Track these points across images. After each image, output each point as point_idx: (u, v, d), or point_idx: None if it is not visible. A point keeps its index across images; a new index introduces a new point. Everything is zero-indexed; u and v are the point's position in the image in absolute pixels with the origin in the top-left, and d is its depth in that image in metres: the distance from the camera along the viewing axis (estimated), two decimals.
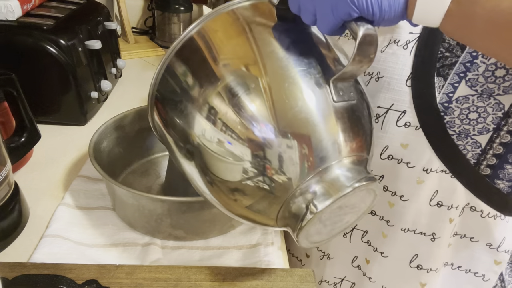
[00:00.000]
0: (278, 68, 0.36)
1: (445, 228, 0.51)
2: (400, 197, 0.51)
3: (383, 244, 0.54)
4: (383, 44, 0.47)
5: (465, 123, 0.45)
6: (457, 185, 0.48)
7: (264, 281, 0.47)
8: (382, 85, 0.48)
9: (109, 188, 0.57)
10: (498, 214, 0.50)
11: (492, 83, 0.43)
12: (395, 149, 0.49)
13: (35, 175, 0.65)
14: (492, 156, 0.46)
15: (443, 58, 0.44)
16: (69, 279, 0.44)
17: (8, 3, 0.69)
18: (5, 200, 0.51)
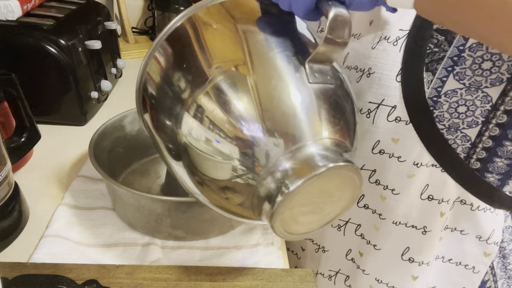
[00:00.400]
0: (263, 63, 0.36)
1: (436, 221, 0.51)
2: (391, 190, 0.52)
3: (375, 237, 0.55)
4: (374, 40, 0.48)
5: (454, 117, 0.46)
6: (447, 179, 0.49)
7: (264, 281, 0.47)
8: (373, 81, 0.49)
9: (109, 188, 0.57)
10: (488, 207, 0.51)
11: (480, 76, 0.43)
12: (386, 143, 0.50)
13: (35, 175, 0.65)
14: (482, 149, 0.47)
15: (431, 53, 0.45)
16: (69, 279, 0.44)
17: (8, 3, 0.69)
18: (5, 200, 0.51)
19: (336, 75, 0.37)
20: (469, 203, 0.50)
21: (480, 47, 0.43)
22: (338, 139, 0.35)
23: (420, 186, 0.50)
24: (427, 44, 0.45)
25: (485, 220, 0.51)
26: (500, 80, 0.43)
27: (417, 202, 0.51)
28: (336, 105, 0.36)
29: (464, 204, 0.51)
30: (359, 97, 0.50)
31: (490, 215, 0.51)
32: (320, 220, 0.37)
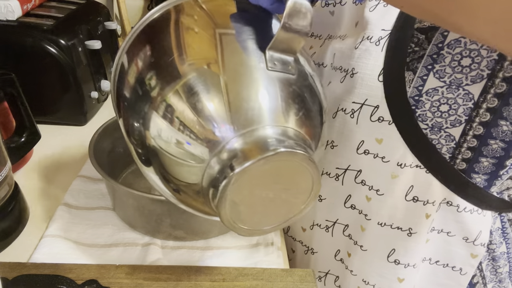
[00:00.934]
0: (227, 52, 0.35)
1: (421, 223, 0.51)
2: (376, 191, 0.52)
3: (362, 238, 0.55)
4: (357, 41, 0.48)
5: (437, 116, 0.46)
6: (432, 180, 0.48)
7: (264, 281, 0.47)
8: (357, 81, 0.49)
9: (109, 188, 0.57)
10: (475, 208, 0.50)
11: (460, 73, 0.43)
12: (370, 143, 0.50)
13: (35, 175, 0.65)
14: (467, 149, 0.46)
15: (412, 52, 0.45)
16: (69, 279, 0.44)
17: (8, 3, 0.69)
18: (5, 200, 0.51)
19: (301, 69, 0.36)
20: (456, 205, 0.50)
21: (459, 44, 0.42)
22: (294, 128, 0.33)
23: (404, 187, 0.50)
24: (408, 44, 0.45)
25: (472, 221, 0.50)
26: (481, 77, 0.43)
27: (402, 204, 0.51)
28: (296, 96, 0.35)
29: (450, 205, 0.50)
30: (344, 97, 0.50)
31: (477, 216, 0.50)
32: (279, 216, 0.34)
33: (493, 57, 0.41)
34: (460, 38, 0.42)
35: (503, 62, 0.41)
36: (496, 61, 0.41)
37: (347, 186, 0.53)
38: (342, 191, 0.54)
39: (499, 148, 0.45)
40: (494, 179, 0.48)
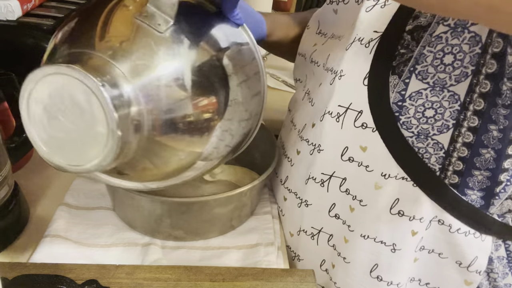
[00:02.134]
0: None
1: (406, 239, 0.47)
2: (359, 201, 0.49)
3: (345, 249, 0.52)
4: (348, 42, 0.47)
5: (423, 122, 0.43)
6: (420, 195, 0.45)
7: (264, 281, 0.47)
8: (343, 84, 0.47)
9: (109, 188, 0.57)
10: (471, 231, 0.46)
11: (443, 72, 0.40)
12: (355, 151, 0.47)
13: (35, 175, 0.65)
14: (458, 159, 0.43)
15: (399, 55, 0.42)
16: (69, 279, 0.44)
17: (8, 3, 0.69)
18: (5, 200, 0.51)
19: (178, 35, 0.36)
20: (447, 224, 0.46)
21: (440, 40, 0.40)
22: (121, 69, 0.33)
23: (389, 199, 0.46)
24: (396, 46, 0.43)
25: (466, 244, 0.46)
26: (465, 75, 0.40)
27: (386, 217, 0.47)
28: (146, 46, 0.34)
29: (442, 224, 0.46)
30: (331, 100, 0.48)
31: (473, 240, 0.46)
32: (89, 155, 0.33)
33: (476, 51, 0.39)
34: (441, 34, 0.40)
35: (486, 55, 0.38)
36: (480, 55, 0.39)
37: (332, 193, 0.51)
38: (327, 199, 0.52)
39: (491, 158, 0.42)
40: (491, 197, 0.44)
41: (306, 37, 0.59)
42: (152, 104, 0.34)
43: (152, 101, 0.34)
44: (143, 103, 0.33)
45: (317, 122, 0.51)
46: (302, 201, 0.55)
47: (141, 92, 0.33)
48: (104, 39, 0.35)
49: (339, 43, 0.49)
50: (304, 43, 0.59)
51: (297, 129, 0.57)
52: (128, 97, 0.32)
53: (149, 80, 0.34)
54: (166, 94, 0.34)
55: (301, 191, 0.55)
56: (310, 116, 0.53)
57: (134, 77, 0.33)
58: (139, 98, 0.33)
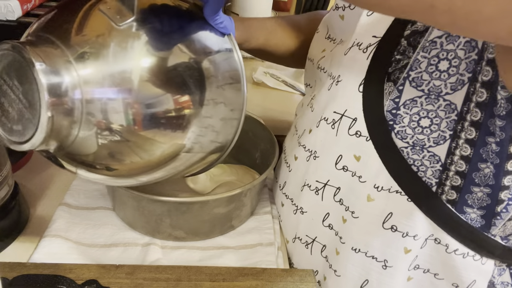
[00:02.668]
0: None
1: (398, 257, 0.45)
2: (351, 213, 0.47)
3: (336, 262, 0.50)
4: (347, 46, 0.45)
5: (418, 132, 0.40)
6: (414, 210, 0.42)
7: (264, 281, 0.47)
8: (340, 90, 0.46)
9: (109, 188, 0.57)
10: (470, 252, 0.42)
11: (438, 79, 0.38)
12: (349, 160, 0.46)
13: (35, 175, 0.65)
14: (455, 174, 0.40)
15: (395, 61, 0.40)
16: (69, 279, 0.44)
17: (8, 3, 0.69)
18: (5, 200, 0.51)
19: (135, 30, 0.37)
20: (444, 244, 0.43)
21: (434, 46, 0.38)
22: (70, 58, 0.34)
23: (382, 213, 0.44)
24: (392, 52, 0.41)
25: (464, 267, 0.43)
26: (462, 83, 0.37)
27: (378, 231, 0.45)
28: (98, 38, 0.36)
29: (438, 243, 0.43)
30: (328, 106, 0.47)
31: (473, 262, 0.43)
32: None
33: (472, 57, 0.37)
34: (435, 39, 0.38)
35: (482, 62, 0.36)
36: (476, 61, 0.36)
37: (326, 202, 0.50)
38: (321, 207, 0.51)
39: (491, 173, 0.39)
40: (492, 217, 0.41)
41: (316, 42, 0.58)
42: (93, 92, 0.34)
43: (94, 90, 0.34)
44: (84, 90, 0.34)
45: (313, 128, 0.50)
46: (297, 208, 0.54)
47: (83, 79, 0.34)
48: (67, 27, 0.36)
49: (340, 48, 0.48)
50: (313, 48, 0.58)
51: (297, 134, 0.56)
52: (69, 82, 0.33)
53: (95, 69, 0.34)
54: (109, 84, 0.35)
55: (297, 197, 0.55)
56: (309, 122, 0.52)
57: (80, 64, 0.34)
58: (81, 85, 0.34)
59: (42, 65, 0.32)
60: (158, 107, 0.36)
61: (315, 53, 0.56)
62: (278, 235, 0.58)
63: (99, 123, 0.35)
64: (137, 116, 0.36)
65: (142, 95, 0.36)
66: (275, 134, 0.64)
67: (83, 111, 0.34)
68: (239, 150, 0.70)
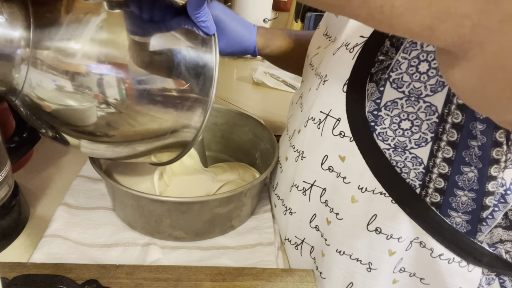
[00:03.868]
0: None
1: (383, 259, 0.44)
2: (336, 214, 0.47)
3: (322, 264, 0.50)
4: (335, 46, 0.45)
5: (399, 134, 0.40)
6: (399, 212, 0.42)
7: (264, 281, 0.47)
8: (326, 89, 0.46)
9: (109, 188, 0.57)
10: (456, 258, 0.42)
11: (418, 81, 0.38)
12: (334, 160, 0.45)
13: (35, 175, 0.65)
14: (438, 176, 0.39)
15: (378, 62, 0.40)
16: (69, 279, 0.44)
17: None
18: (5, 200, 0.51)
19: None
20: (429, 248, 0.42)
21: (414, 46, 0.37)
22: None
23: (366, 215, 0.44)
24: (376, 52, 0.40)
25: (449, 273, 0.42)
26: (442, 85, 0.37)
27: (363, 233, 0.45)
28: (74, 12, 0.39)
29: (423, 247, 0.43)
30: (315, 105, 0.47)
31: (458, 269, 0.42)
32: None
33: None
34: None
35: None
36: None
37: (313, 203, 0.50)
38: (309, 208, 0.51)
39: (475, 178, 0.38)
40: (478, 222, 0.40)
41: (314, 38, 0.58)
42: (41, 53, 0.38)
43: (41, 49, 0.38)
44: (33, 47, 0.37)
45: (302, 128, 0.50)
46: (287, 209, 0.54)
47: (35, 39, 0.37)
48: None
49: (328, 48, 0.48)
50: (311, 45, 0.58)
51: (288, 134, 0.56)
52: (19, 38, 0.37)
53: (47, 33, 0.38)
54: (56, 49, 0.38)
55: (286, 198, 0.55)
56: (298, 122, 0.52)
57: (38, 26, 0.37)
58: (31, 42, 0.37)
59: (2, 18, 0.36)
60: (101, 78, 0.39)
61: (311, 50, 0.57)
62: (278, 235, 0.58)
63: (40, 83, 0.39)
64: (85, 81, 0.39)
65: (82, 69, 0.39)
66: (275, 134, 0.64)
67: (28, 68, 0.38)
68: (239, 150, 0.71)
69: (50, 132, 0.44)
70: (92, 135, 0.43)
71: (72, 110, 0.40)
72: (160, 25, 0.41)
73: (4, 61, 0.37)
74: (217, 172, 0.64)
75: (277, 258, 0.54)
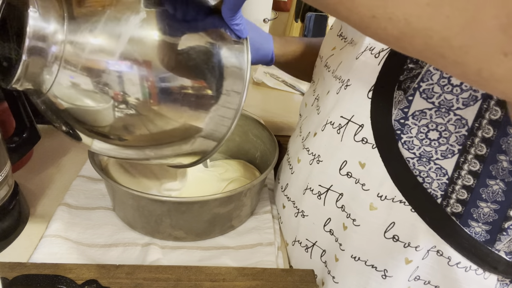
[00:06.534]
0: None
1: (399, 267, 0.44)
2: (353, 220, 0.46)
3: (335, 268, 0.50)
4: (359, 50, 0.44)
5: (425, 144, 0.40)
6: (418, 221, 0.42)
7: (264, 281, 0.47)
8: (348, 94, 0.45)
9: (109, 188, 0.57)
10: (473, 266, 0.42)
11: (449, 93, 0.38)
12: (353, 166, 0.45)
13: (35, 175, 0.65)
14: (462, 188, 0.39)
15: (407, 70, 0.39)
16: (69, 279, 0.44)
17: None
18: (5, 200, 0.51)
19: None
20: (447, 256, 0.42)
21: None
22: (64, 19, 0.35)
23: (384, 222, 0.44)
24: (405, 60, 0.39)
25: (465, 281, 0.42)
26: (474, 99, 0.37)
27: (379, 240, 0.45)
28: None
29: (440, 255, 0.43)
30: (335, 110, 0.47)
31: (475, 276, 0.42)
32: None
33: None
34: None
35: None
36: None
37: (328, 208, 0.49)
38: (323, 212, 0.50)
39: (500, 190, 0.38)
40: (498, 232, 0.40)
41: (327, 39, 0.57)
42: (75, 50, 0.36)
43: (77, 47, 0.36)
44: (67, 44, 0.35)
45: (318, 131, 0.49)
46: (299, 211, 0.54)
47: (70, 34, 0.35)
48: None
49: (352, 50, 0.47)
50: (325, 45, 0.57)
51: (301, 136, 0.55)
52: (53, 33, 0.35)
53: (84, 28, 0.36)
54: (92, 48, 0.36)
55: (298, 200, 0.54)
56: (314, 125, 0.51)
57: (72, 20, 0.35)
58: (65, 39, 0.35)
59: (36, 12, 0.33)
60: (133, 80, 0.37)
61: (326, 51, 0.56)
62: (278, 235, 0.58)
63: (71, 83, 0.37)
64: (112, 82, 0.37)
65: (121, 68, 0.37)
66: (275, 134, 0.64)
67: (60, 66, 0.36)
68: (239, 150, 0.71)
69: (64, 127, 0.43)
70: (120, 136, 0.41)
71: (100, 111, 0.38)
72: (193, 24, 0.40)
73: (37, 57, 0.35)
74: (219, 170, 0.64)
75: (277, 258, 0.54)
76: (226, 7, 0.39)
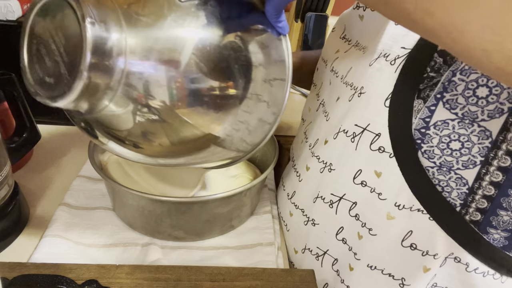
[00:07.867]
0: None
1: (417, 276, 0.44)
2: (369, 230, 0.46)
3: (349, 278, 0.49)
4: (372, 57, 0.43)
5: (447, 154, 0.39)
6: (436, 229, 0.41)
7: (264, 281, 0.47)
8: (362, 102, 0.44)
9: (109, 188, 0.57)
10: (491, 271, 0.42)
11: (474, 105, 0.37)
12: (368, 175, 0.44)
13: (35, 175, 0.65)
14: (482, 197, 0.39)
15: (427, 78, 0.39)
16: (69, 279, 0.44)
17: (8, 3, 0.69)
18: (5, 200, 0.51)
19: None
20: (465, 263, 0.42)
21: (474, 70, 0.36)
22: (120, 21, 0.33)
23: (401, 231, 0.43)
24: (425, 68, 0.39)
25: (483, 286, 0.43)
26: (500, 111, 0.36)
27: (397, 249, 0.44)
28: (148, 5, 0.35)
29: (458, 262, 0.42)
30: (348, 118, 0.46)
31: (492, 281, 0.42)
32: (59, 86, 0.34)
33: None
34: None
35: None
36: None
37: (341, 216, 0.49)
38: (335, 221, 0.49)
39: None
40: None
41: (330, 41, 0.56)
42: (138, 64, 0.33)
43: (138, 62, 0.33)
44: (128, 60, 0.33)
45: (330, 139, 0.48)
46: (309, 220, 0.53)
47: (130, 49, 0.32)
48: None
49: (363, 56, 0.46)
50: (328, 48, 0.56)
51: (308, 142, 0.54)
52: (115, 49, 0.32)
53: (144, 39, 0.33)
54: (156, 58, 0.34)
55: (308, 209, 0.53)
56: (324, 132, 0.50)
57: (131, 30, 0.33)
58: (126, 54, 0.32)
59: (94, 23, 0.30)
60: (200, 90, 0.36)
61: (329, 54, 0.55)
62: (278, 235, 0.58)
63: (136, 96, 0.34)
64: (180, 94, 0.35)
65: (187, 76, 0.35)
66: (275, 134, 0.64)
67: (121, 81, 0.33)
68: None
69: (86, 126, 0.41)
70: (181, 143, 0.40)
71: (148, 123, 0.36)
72: (237, 22, 0.39)
73: (99, 72, 0.31)
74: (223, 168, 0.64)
75: (277, 258, 0.54)
76: (271, 6, 0.38)
